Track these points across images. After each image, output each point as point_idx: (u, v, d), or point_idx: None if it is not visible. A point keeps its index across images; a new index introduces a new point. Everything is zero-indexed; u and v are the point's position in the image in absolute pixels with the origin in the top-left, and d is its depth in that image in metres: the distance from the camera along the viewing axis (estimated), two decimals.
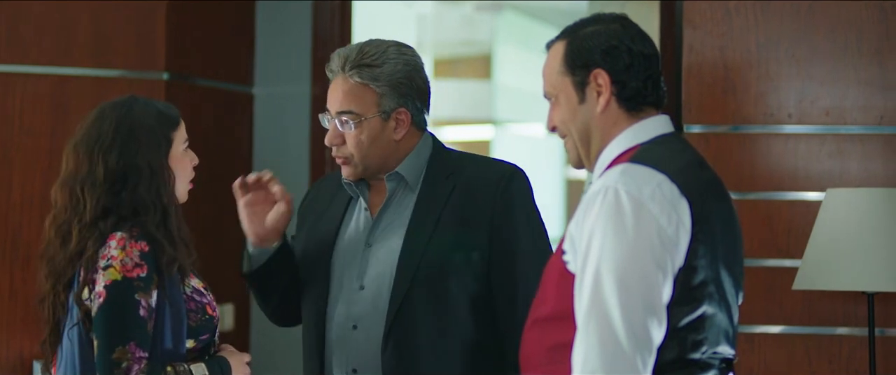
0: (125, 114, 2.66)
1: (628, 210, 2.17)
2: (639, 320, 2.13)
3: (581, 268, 2.20)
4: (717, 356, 2.25)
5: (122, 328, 2.53)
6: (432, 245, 2.81)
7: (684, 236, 2.19)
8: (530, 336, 2.33)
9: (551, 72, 2.39)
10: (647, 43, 2.35)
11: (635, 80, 2.32)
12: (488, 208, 2.83)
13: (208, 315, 2.68)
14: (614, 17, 2.38)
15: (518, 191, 2.87)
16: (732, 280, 2.28)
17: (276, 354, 4.92)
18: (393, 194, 2.90)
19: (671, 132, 2.35)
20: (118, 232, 2.58)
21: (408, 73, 2.86)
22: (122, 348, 2.52)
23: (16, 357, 4.26)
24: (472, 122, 12.15)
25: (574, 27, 2.39)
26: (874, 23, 3.94)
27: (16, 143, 4.34)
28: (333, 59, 2.88)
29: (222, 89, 4.84)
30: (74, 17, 4.37)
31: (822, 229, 3.59)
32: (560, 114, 2.38)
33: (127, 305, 2.53)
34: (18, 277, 4.28)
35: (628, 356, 2.12)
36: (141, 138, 2.64)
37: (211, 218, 4.68)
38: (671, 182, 2.20)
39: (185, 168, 2.72)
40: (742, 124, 4.01)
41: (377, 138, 2.85)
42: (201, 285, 2.70)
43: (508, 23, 12.41)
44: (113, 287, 2.54)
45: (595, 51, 2.33)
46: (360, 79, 2.84)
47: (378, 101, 2.84)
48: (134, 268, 2.55)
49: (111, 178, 2.62)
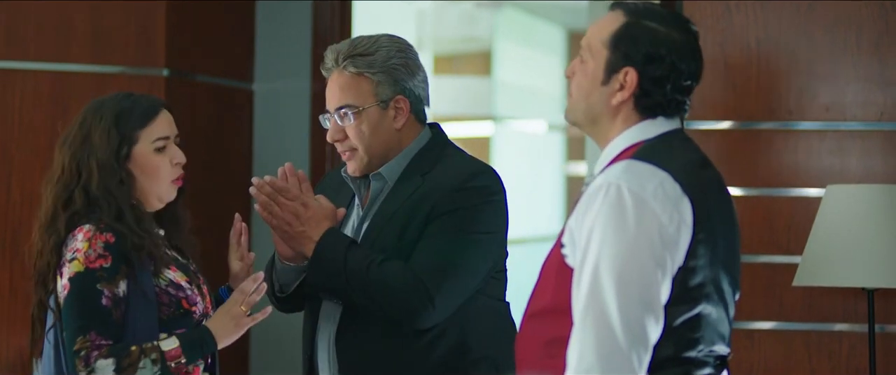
0: (90, 112, 2.71)
1: (630, 207, 2.16)
2: (636, 317, 2.13)
3: (580, 263, 2.19)
4: (712, 354, 2.25)
5: (81, 318, 2.56)
6: (378, 241, 2.82)
7: (685, 235, 2.19)
8: (527, 329, 2.33)
9: (596, 35, 2.33)
10: (694, 62, 2.30)
11: (660, 95, 2.28)
12: (433, 201, 2.80)
13: (183, 309, 2.67)
14: (680, 24, 2.31)
15: (472, 187, 2.82)
16: (730, 279, 2.28)
17: (276, 351, 4.92)
18: (378, 193, 2.90)
19: (677, 129, 2.34)
20: (86, 225, 2.62)
21: (402, 60, 2.87)
22: (82, 338, 2.55)
23: (16, 356, 4.27)
24: (472, 119, 12.15)
25: (641, 11, 2.31)
26: (874, 19, 3.94)
27: (15, 140, 4.34)
28: (327, 56, 2.88)
29: (222, 86, 4.84)
30: (74, 13, 4.37)
31: (823, 225, 3.59)
32: (580, 77, 2.34)
33: (88, 295, 2.56)
34: (18, 274, 4.28)
35: (624, 352, 2.12)
36: (94, 137, 2.67)
37: (211, 214, 4.68)
38: (674, 180, 2.20)
39: (156, 168, 2.71)
40: (742, 121, 4.01)
41: (378, 127, 2.85)
42: (183, 279, 2.70)
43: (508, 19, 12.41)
44: (76, 278, 2.58)
45: (641, 49, 2.27)
46: (355, 69, 2.84)
47: (375, 90, 2.84)
48: (97, 259, 2.58)
49: (65, 177, 2.67)
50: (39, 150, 4.31)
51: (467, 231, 2.79)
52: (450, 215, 2.79)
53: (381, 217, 2.85)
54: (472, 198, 2.81)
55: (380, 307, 2.77)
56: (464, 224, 2.79)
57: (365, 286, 2.75)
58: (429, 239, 2.78)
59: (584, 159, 4.93)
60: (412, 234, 2.80)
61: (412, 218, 2.80)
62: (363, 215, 2.90)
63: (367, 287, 2.75)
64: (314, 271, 2.81)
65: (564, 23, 12.49)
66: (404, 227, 2.80)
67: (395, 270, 2.76)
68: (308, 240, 2.82)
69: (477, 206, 2.81)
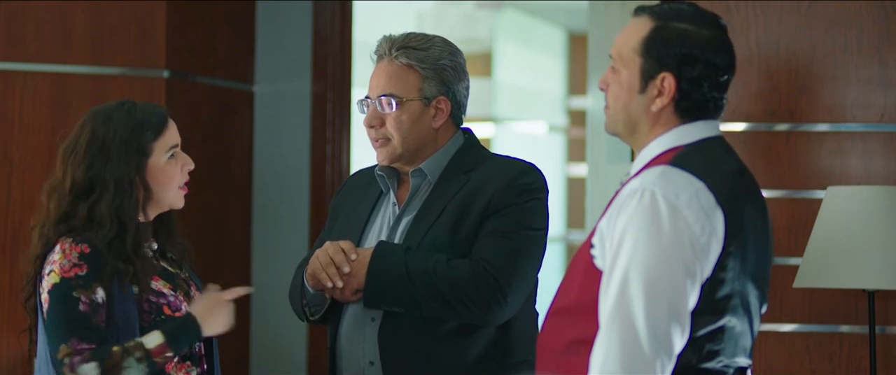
0: (101, 124, 2.68)
1: (664, 214, 2.15)
2: (662, 325, 2.12)
3: (610, 267, 2.18)
4: (731, 366, 2.24)
5: (62, 326, 2.58)
6: (428, 237, 2.82)
7: (716, 246, 2.17)
8: (550, 324, 2.32)
9: (626, 44, 2.30)
10: (727, 55, 2.29)
11: (699, 94, 2.27)
12: (488, 198, 2.82)
13: (164, 314, 2.66)
14: (709, 21, 2.29)
15: (522, 185, 2.85)
16: (758, 292, 2.26)
17: (277, 352, 4.92)
18: (416, 190, 2.91)
19: (716, 135, 2.31)
20: (63, 238, 2.63)
21: (452, 63, 2.90)
22: (65, 345, 2.57)
23: (17, 356, 4.26)
24: (473, 120, 12.11)
25: (668, 13, 2.28)
26: (874, 20, 3.94)
27: (15, 141, 4.34)
28: (380, 44, 2.90)
29: (222, 87, 4.84)
30: (74, 14, 4.37)
31: (823, 227, 3.59)
32: (616, 88, 2.31)
33: (66, 304, 2.58)
34: (18, 275, 4.25)
35: (648, 360, 2.11)
36: (110, 151, 2.66)
37: (210, 216, 4.68)
38: (708, 190, 2.18)
39: (170, 176, 2.71)
40: (742, 122, 4.01)
41: (417, 122, 2.87)
42: (166, 287, 2.69)
43: (509, 20, 12.39)
44: (54, 289, 2.60)
45: (675, 52, 2.25)
46: (406, 61, 2.86)
47: (421, 86, 2.87)
48: (72, 268, 2.59)
49: (76, 190, 2.66)
50: (39, 151, 4.31)
51: (526, 227, 2.83)
52: (507, 211, 2.81)
53: (428, 213, 2.85)
54: (526, 195, 2.84)
55: (451, 307, 2.77)
56: (522, 220, 2.82)
57: (434, 286, 2.75)
58: (490, 236, 2.80)
59: (584, 161, 4.92)
60: (468, 231, 2.81)
61: (465, 215, 2.82)
62: (400, 211, 2.90)
63: (438, 286, 2.75)
64: (375, 284, 2.79)
65: (565, 24, 12.48)
66: (457, 224, 2.81)
67: (465, 267, 2.77)
68: (359, 275, 2.80)
69: (530, 203, 2.85)
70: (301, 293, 2.92)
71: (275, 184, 4.97)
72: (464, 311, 2.77)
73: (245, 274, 4.96)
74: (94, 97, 4.22)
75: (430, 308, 2.77)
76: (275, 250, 4.94)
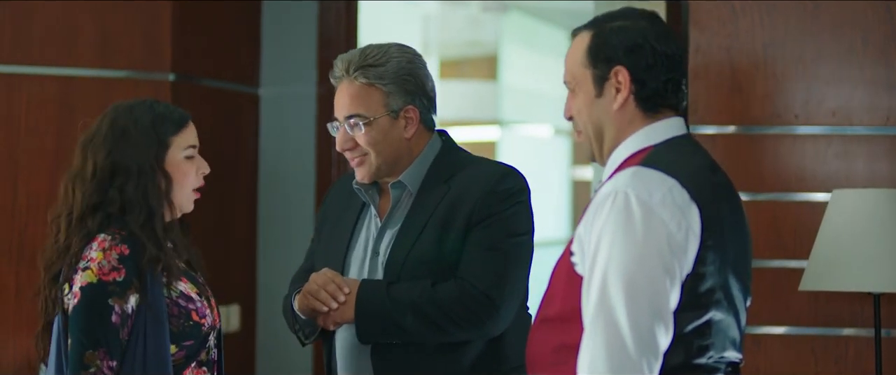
0: (123, 113, 2.68)
1: (638, 215, 2.16)
2: (645, 325, 2.13)
3: (589, 271, 2.19)
4: (722, 360, 2.24)
5: (93, 332, 2.54)
6: (414, 251, 2.81)
7: (693, 242, 2.18)
8: (537, 336, 2.33)
9: (573, 62, 2.36)
10: (672, 43, 2.33)
11: (655, 81, 2.30)
12: (470, 207, 2.81)
13: (192, 321, 2.65)
14: (644, 14, 2.35)
15: (504, 191, 2.83)
16: (740, 285, 2.27)
17: (282, 355, 4.92)
18: (398, 202, 2.89)
19: (684, 134, 2.34)
20: (102, 234, 2.60)
21: (412, 70, 2.86)
22: (92, 352, 2.54)
23: (22, 358, 4.27)
24: (478, 123, 12.14)
25: (602, 19, 2.36)
26: (880, 23, 3.94)
27: (21, 144, 4.34)
28: (336, 65, 2.87)
29: (228, 90, 4.85)
30: (80, 17, 4.38)
31: (829, 230, 3.59)
32: (577, 105, 2.36)
33: (100, 310, 2.54)
34: (24, 277, 4.28)
35: (634, 360, 2.12)
36: (131, 137, 2.65)
37: (216, 218, 4.68)
38: (682, 187, 2.19)
39: (185, 175, 2.70)
40: (748, 125, 4.01)
41: (388, 136, 2.85)
42: (194, 291, 2.68)
43: (514, 23, 12.41)
44: (88, 288, 2.56)
45: (619, 47, 2.30)
46: (365, 80, 2.83)
47: (385, 101, 2.84)
48: (111, 272, 2.56)
49: (100, 175, 2.63)
50: (45, 154, 4.32)
51: (511, 234, 2.81)
52: (490, 221, 2.80)
53: (411, 227, 2.84)
54: (508, 201, 2.82)
55: (445, 330, 2.77)
56: (507, 228, 2.81)
57: (425, 315, 2.75)
58: (476, 250, 2.79)
59: (590, 164, 4.92)
60: (453, 243, 2.80)
61: (449, 227, 2.80)
62: (383, 224, 2.89)
63: (428, 315, 2.75)
64: (365, 325, 2.80)
65: (570, 27, 12.47)
66: (442, 236, 2.80)
67: (451, 289, 2.77)
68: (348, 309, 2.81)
69: (513, 208, 2.83)
70: (293, 318, 2.93)
71: (281, 187, 4.98)
72: (459, 332, 2.77)
73: (251, 277, 4.97)
74: (100, 100, 4.22)
75: (424, 335, 2.78)
76: (281, 252, 4.94)
